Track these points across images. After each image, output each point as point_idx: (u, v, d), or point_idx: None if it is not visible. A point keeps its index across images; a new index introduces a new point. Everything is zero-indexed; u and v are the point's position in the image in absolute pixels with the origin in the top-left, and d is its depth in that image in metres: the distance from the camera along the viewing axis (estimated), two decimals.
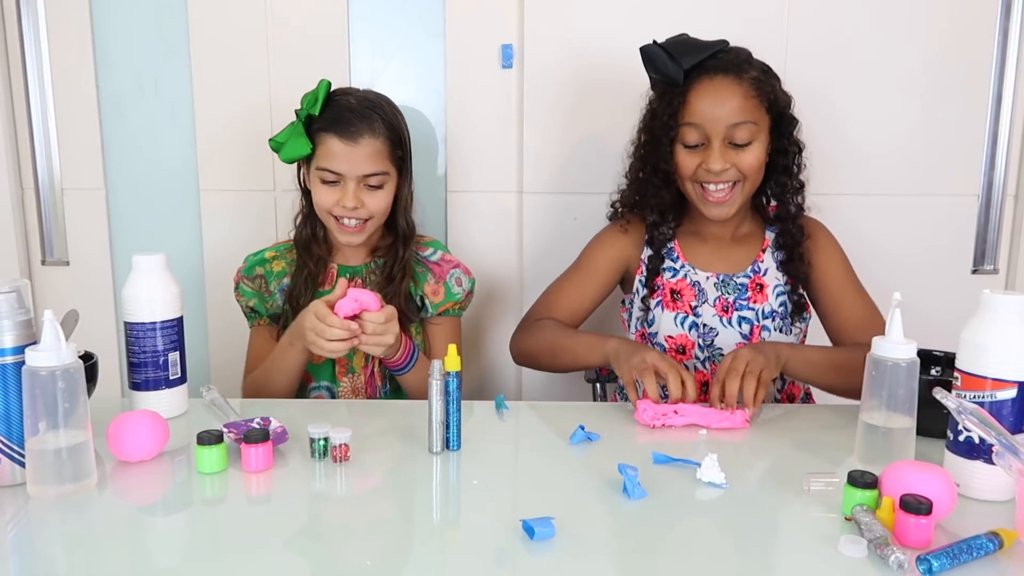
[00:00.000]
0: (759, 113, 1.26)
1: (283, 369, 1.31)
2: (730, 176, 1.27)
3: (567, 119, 1.68)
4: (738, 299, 1.34)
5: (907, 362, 0.93)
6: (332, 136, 1.33)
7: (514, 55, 1.66)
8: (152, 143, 1.74)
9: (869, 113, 1.68)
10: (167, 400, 1.12)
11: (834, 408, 1.22)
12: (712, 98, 1.24)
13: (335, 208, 1.35)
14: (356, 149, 1.33)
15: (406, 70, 1.72)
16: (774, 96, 1.28)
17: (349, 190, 1.34)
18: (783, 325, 1.34)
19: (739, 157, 1.26)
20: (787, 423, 1.15)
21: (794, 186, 1.33)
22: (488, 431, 1.11)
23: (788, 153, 1.31)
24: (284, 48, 1.68)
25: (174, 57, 1.70)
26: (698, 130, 1.26)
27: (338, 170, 1.33)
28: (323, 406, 1.29)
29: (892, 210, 1.72)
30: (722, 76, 1.25)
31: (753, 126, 1.25)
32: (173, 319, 1.12)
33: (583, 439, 1.06)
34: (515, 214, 1.73)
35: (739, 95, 1.24)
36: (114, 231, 1.78)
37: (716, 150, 1.25)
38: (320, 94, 1.33)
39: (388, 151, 1.36)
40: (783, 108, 1.30)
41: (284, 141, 1.35)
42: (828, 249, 1.37)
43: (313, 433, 0.98)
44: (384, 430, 1.11)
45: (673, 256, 1.39)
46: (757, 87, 1.25)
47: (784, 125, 1.30)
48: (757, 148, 1.27)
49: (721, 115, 1.24)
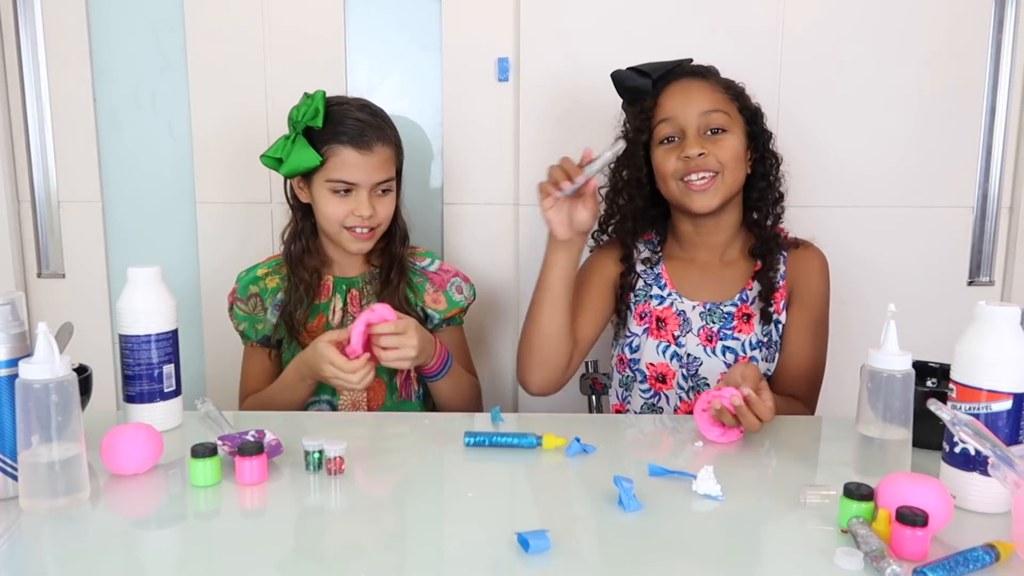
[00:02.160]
0: (730, 107, 1.30)
1: (292, 400, 1.34)
2: (709, 164, 1.26)
3: (563, 131, 1.68)
4: (723, 328, 1.33)
5: (903, 374, 0.93)
6: (346, 147, 1.33)
7: (510, 68, 1.67)
8: (149, 156, 1.74)
9: (863, 124, 1.69)
10: (162, 413, 1.12)
11: (830, 420, 1.22)
12: (682, 94, 1.29)
13: (348, 219, 1.35)
14: (370, 158, 1.33)
15: (402, 83, 1.72)
16: (743, 101, 1.31)
17: (363, 199, 1.34)
18: (768, 355, 1.33)
19: (715, 146, 1.27)
20: (783, 435, 1.15)
21: (773, 196, 1.34)
22: (477, 457, 1.10)
23: (765, 162, 1.33)
24: (281, 61, 1.68)
25: (171, 70, 1.70)
26: (672, 123, 1.29)
27: (353, 180, 1.33)
28: (318, 419, 1.29)
29: (887, 222, 1.72)
30: (688, 78, 1.30)
31: (725, 115, 1.28)
32: (168, 331, 1.11)
33: (579, 451, 1.06)
34: (512, 227, 1.73)
35: (707, 89, 1.29)
36: (110, 243, 1.78)
37: (691, 137, 1.27)
38: (320, 106, 1.33)
39: (395, 157, 1.38)
40: (755, 115, 1.32)
41: (283, 156, 1.34)
42: (814, 286, 1.34)
43: (307, 446, 0.98)
44: (380, 442, 1.10)
45: (660, 283, 1.38)
46: (724, 86, 1.31)
47: (759, 135, 1.33)
48: (732, 139, 1.28)
49: (692, 106, 1.28)
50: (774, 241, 1.33)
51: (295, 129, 1.35)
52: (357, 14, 1.68)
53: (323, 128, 1.33)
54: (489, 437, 1.09)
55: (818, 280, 1.35)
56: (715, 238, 1.37)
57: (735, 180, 1.30)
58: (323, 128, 1.33)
